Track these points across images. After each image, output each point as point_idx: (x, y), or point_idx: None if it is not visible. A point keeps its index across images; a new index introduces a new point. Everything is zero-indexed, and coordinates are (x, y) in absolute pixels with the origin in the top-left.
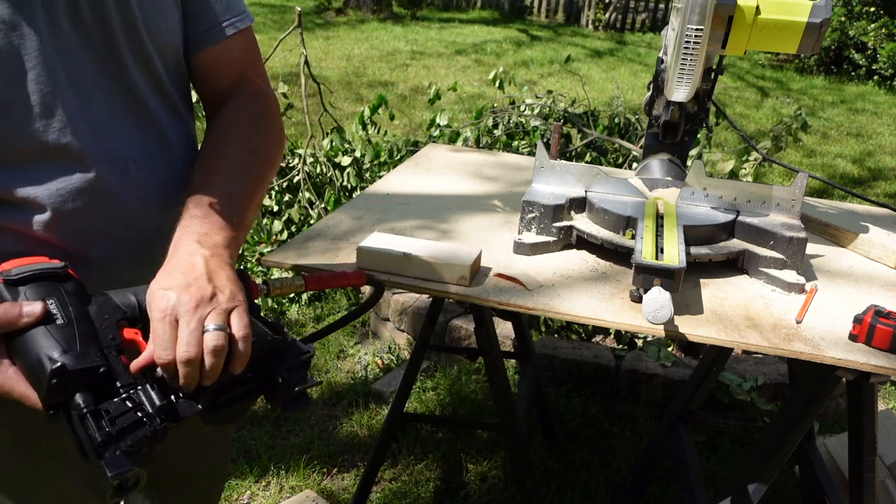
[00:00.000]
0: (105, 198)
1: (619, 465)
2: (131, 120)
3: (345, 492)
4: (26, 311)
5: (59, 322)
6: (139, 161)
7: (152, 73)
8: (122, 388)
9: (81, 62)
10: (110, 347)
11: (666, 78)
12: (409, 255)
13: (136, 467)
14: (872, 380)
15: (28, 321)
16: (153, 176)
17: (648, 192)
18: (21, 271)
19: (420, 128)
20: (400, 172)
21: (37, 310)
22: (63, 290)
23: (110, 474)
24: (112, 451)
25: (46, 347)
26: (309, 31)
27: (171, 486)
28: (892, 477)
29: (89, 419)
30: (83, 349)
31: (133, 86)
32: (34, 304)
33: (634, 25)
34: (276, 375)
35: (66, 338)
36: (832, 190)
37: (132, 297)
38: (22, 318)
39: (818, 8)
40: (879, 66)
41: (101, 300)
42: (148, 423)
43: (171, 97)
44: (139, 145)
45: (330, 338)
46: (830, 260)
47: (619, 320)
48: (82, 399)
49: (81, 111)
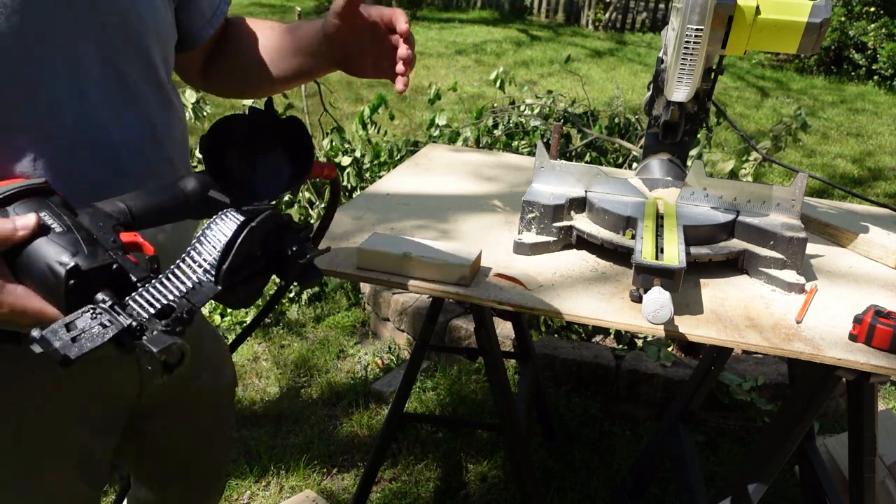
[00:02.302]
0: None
1: (619, 465)
2: (122, 106)
3: (345, 492)
4: (20, 225)
5: (57, 230)
6: (130, 148)
7: (144, 61)
8: (138, 283)
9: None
10: (114, 249)
11: (666, 78)
12: (409, 255)
13: (178, 339)
14: (872, 380)
15: (24, 233)
16: (144, 163)
17: (648, 192)
18: (4, 190)
19: (420, 128)
20: (400, 172)
21: (31, 222)
22: (51, 203)
23: (156, 350)
24: (150, 332)
25: (54, 254)
26: None
27: (175, 475)
28: (892, 477)
29: (118, 309)
30: (90, 250)
31: (124, 72)
32: (26, 216)
33: (634, 25)
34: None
35: (70, 242)
36: (832, 190)
37: (121, 204)
38: (17, 231)
39: (818, 8)
40: (879, 66)
41: (90, 211)
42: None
43: (162, 85)
44: (130, 132)
45: (330, 338)
46: (830, 260)
47: (619, 320)
48: (105, 294)
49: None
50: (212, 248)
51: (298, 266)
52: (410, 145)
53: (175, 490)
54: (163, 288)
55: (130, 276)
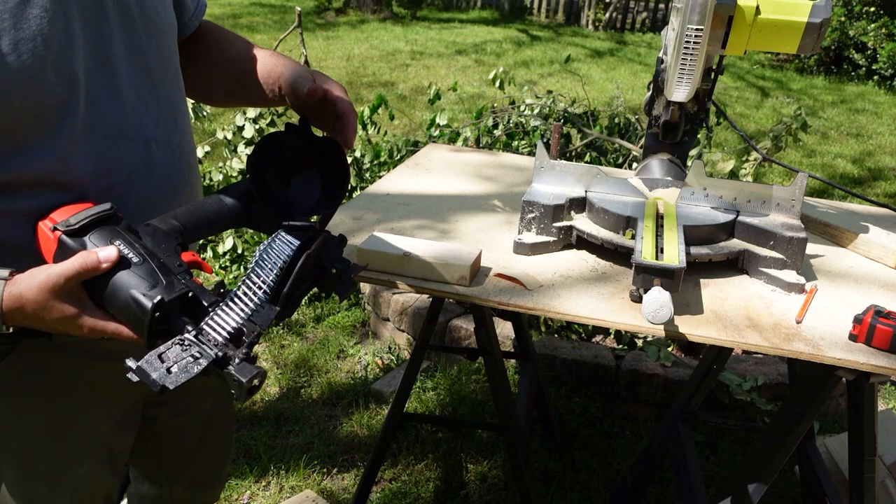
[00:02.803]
0: (133, 177)
1: (619, 465)
2: (151, 100)
3: (345, 492)
4: (104, 257)
5: (135, 261)
6: (159, 138)
7: (164, 55)
8: (209, 307)
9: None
10: (182, 273)
11: (666, 78)
12: (409, 255)
13: (261, 368)
14: (872, 380)
15: (108, 266)
16: (170, 156)
17: (648, 192)
18: (79, 219)
19: (420, 128)
20: (400, 172)
21: (113, 254)
22: (120, 230)
23: (244, 380)
24: (234, 361)
25: (136, 286)
26: (309, 31)
27: (181, 462)
28: (892, 477)
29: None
30: (167, 280)
31: (150, 67)
32: (108, 248)
33: (634, 25)
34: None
35: (148, 273)
36: (832, 190)
37: (175, 222)
38: (101, 263)
39: (818, 8)
40: (879, 66)
41: (149, 230)
42: (245, 329)
43: (178, 76)
44: (158, 126)
45: (330, 338)
46: (830, 260)
47: (619, 320)
48: (186, 325)
49: (109, 91)
50: (269, 271)
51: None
52: (410, 145)
53: (184, 478)
54: (230, 311)
55: (202, 302)
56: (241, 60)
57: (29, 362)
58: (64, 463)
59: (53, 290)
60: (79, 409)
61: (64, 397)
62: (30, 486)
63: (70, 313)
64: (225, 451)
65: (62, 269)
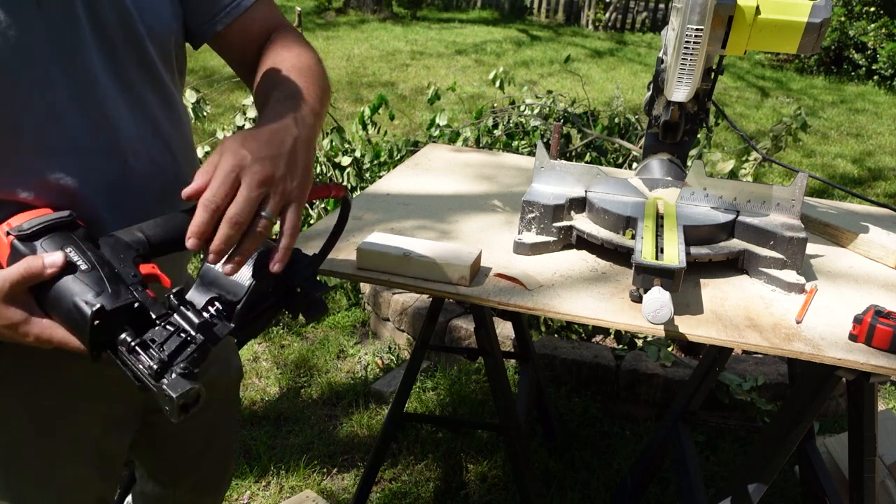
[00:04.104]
0: (111, 189)
1: (619, 465)
2: (128, 111)
3: (345, 492)
4: (49, 262)
5: (83, 268)
6: (138, 152)
7: (146, 64)
8: (157, 319)
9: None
10: (135, 284)
11: (666, 78)
12: (409, 255)
13: (196, 384)
14: (872, 380)
15: (53, 271)
16: (150, 167)
17: (648, 192)
18: (33, 224)
19: (420, 128)
20: (400, 172)
21: (59, 259)
22: (75, 237)
23: (175, 395)
24: (169, 374)
25: (80, 293)
26: (309, 31)
27: (184, 467)
28: (892, 477)
29: (139, 351)
30: (114, 288)
31: (128, 77)
32: (55, 254)
33: (634, 25)
34: (294, 286)
35: (94, 281)
36: (832, 190)
37: (139, 234)
38: (46, 269)
39: (818, 8)
40: (879, 66)
41: (111, 241)
42: (192, 341)
43: (164, 87)
44: (136, 136)
45: (330, 338)
46: (830, 260)
47: (619, 320)
48: (127, 335)
49: (81, 102)
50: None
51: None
52: (410, 145)
53: (186, 482)
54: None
55: (150, 314)
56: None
57: (12, 361)
58: (49, 464)
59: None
60: (63, 409)
61: (47, 397)
62: (15, 487)
63: (16, 319)
64: (228, 456)
65: (7, 274)
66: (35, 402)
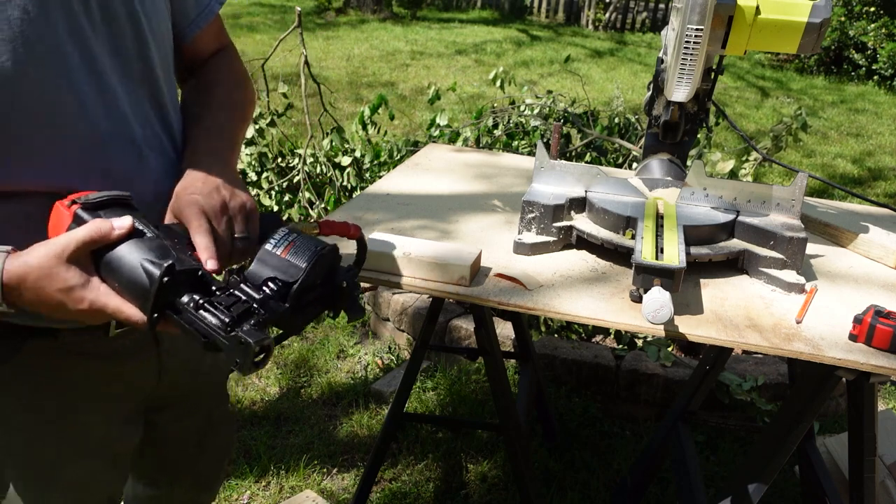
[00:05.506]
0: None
1: (619, 465)
2: (141, 107)
3: (345, 492)
4: (118, 224)
5: (148, 235)
6: (152, 147)
7: (154, 62)
8: (217, 291)
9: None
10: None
11: (666, 78)
12: (410, 255)
13: (269, 337)
14: (872, 380)
15: (121, 233)
16: (162, 161)
17: (648, 192)
18: (98, 196)
19: (420, 128)
20: (400, 172)
21: (127, 222)
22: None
23: (253, 341)
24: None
25: (146, 255)
26: (309, 31)
27: (183, 465)
28: (892, 477)
29: (209, 307)
30: (179, 256)
31: (140, 74)
32: (123, 217)
33: (634, 25)
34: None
35: (159, 247)
36: (832, 190)
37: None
38: (114, 230)
39: (818, 8)
40: (879, 66)
41: (164, 228)
42: (255, 311)
43: (171, 84)
44: (149, 132)
45: (330, 338)
46: (830, 260)
47: (619, 320)
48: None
49: (98, 97)
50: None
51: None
52: (410, 145)
53: (185, 481)
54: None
55: (211, 285)
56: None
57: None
58: (61, 461)
59: (61, 255)
60: (64, 410)
61: (47, 398)
62: (29, 484)
63: (73, 283)
64: (226, 453)
65: (73, 234)
66: (35, 403)
